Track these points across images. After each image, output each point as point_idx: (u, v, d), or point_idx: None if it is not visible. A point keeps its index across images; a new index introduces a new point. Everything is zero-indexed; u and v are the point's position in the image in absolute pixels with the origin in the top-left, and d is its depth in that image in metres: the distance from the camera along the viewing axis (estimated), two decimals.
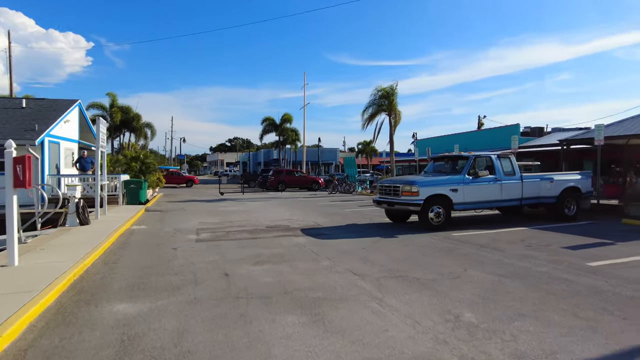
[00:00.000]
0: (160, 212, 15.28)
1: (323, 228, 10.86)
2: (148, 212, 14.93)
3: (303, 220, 12.57)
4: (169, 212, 15.05)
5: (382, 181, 11.41)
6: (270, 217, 13.30)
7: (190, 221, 12.35)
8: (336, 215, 13.78)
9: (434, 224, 10.17)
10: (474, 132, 42.07)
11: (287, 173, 31.86)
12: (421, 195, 10.02)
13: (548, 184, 11.49)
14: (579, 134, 16.50)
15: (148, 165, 21.28)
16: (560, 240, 8.75)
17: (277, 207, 17.46)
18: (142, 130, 39.25)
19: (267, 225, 11.31)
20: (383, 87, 25.37)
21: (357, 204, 18.81)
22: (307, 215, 14.03)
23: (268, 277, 5.86)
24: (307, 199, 22.58)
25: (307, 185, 31.94)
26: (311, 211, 15.38)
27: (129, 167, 20.67)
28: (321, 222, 12.10)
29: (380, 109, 25.63)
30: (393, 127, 25.61)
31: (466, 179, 10.55)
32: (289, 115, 43.17)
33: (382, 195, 11.12)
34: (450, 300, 4.89)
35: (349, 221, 12.23)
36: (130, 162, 20.95)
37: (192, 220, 12.65)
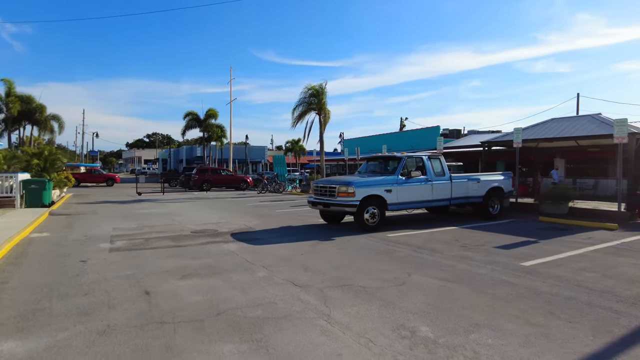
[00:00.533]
0: (67, 216, 13.49)
1: (256, 232, 10.18)
2: (52, 217, 13.09)
3: (233, 223, 11.77)
4: (78, 216, 13.34)
5: (317, 182, 11.00)
6: (196, 220, 12.29)
7: (103, 226, 10.96)
8: (268, 217, 13.13)
9: (369, 224, 9.98)
10: (398, 133, 43.66)
11: (213, 171, 30.41)
12: (357, 196, 9.76)
13: (475, 184, 11.89)
14: (499, 136, 17.50)
15: (53, 162, 18.85)
16: (491, 240, 8.97)
17: (202, 208, 16.35)
18: (47, 124, 35.08)
19: (192, 230, 10.36)
20: (313, 86, 25.15)
21: (288, 204, 18.28)
22: (237, 217, 13.22)
23: (198, 294, 5.11)
24: (235, 199, 21.58)
25: (235, 184, 30.75)
26: (241, 213, 14.56)
27: (29, 164, 18.14)
28: (253, 224, 11.40)
29: (310, 108, 25.35)
30: (323, 126, 25.47)
31: (399, 179, 10.51)
32: (214, 110, 41.39)
33: (317, 196, 10.71)
34: (401, 311, 4.55)
35: (283, 223, 11.66)
36: (31, 158, 18.40)
37: (106, 225, 11.24)
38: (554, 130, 14.58)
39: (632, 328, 4.17)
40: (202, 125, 41.14)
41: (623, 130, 11.24)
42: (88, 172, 36.82)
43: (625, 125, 11.22)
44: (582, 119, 14.69)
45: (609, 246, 8.34)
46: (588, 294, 5.21)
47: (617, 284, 5.70)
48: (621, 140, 11.31)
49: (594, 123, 13.80)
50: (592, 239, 9.07)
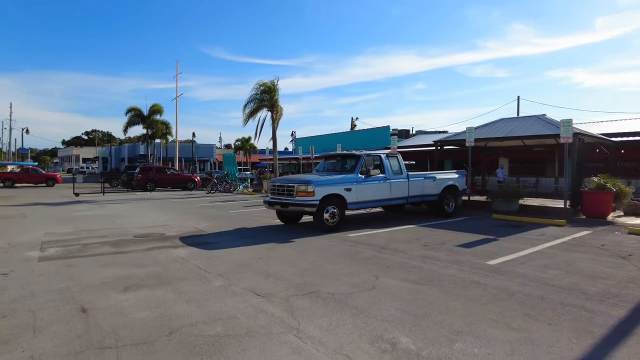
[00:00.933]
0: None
1: (207, 235, 9.48)
2: None
3: (181, 225, 10.94)
4: (2, 220, 11.88)
5: (274, 180, 10.46)
6: (140, 223, 11.33)
7: (33, 232, 9.76)
8: (220, 219, 12.40)
9: (329, 224, 9.61)
10: (349, 132, 43.90)
11: (157, 170, 28.79)
12: (317, 195, 9.36)
13: (431, 182, 11.89)
14: (450, 135, 17.81)
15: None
16: (451, 238, 8.89)
17: (147, 210, 15.24)
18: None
19: (136, 234, 9.46)
20: (264, 82, 24.45)
21: (241, 204, 17.54)
22: (186, 219, 12.37)
23: (145, 309, 4.45)
24: (183, 199, 20.46)
25: (181, 184, 29.31)
26: (190, 214, 13.68)
27: None
28: (203, 227, 10.65)
29: (262, 105, 24.65)
30: (276, 123, 24.86)
31: (359, 178, 10.23)
32: (159, 106, 39.34)
33: (274, 196, 10.17)
34: (376, 320, 4.18)
35: (236, 225, 11.01)
36: None
37: (36, 230, 10.04)
38: (504, 130, 15.01)
39: (609, 327, 4.07)
40: (146, 121, 38.99)
41: (569, 130, 11.68)
42: (24, 171, 33.60)
43: (570, 125, 11.66)
44: (529, 120, 15.24)
45: (563, 242, 8.52)
46: (558, 293, 5.12)
47: (581, 280, 5.70)
48: (567, 140, 11.74)
49: (540, 123, 14.34)
50: (545, 235, 9.27)
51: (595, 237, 9.03)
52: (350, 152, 11.25)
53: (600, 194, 11.92)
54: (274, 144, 25.09)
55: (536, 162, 24.55)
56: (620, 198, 12.15)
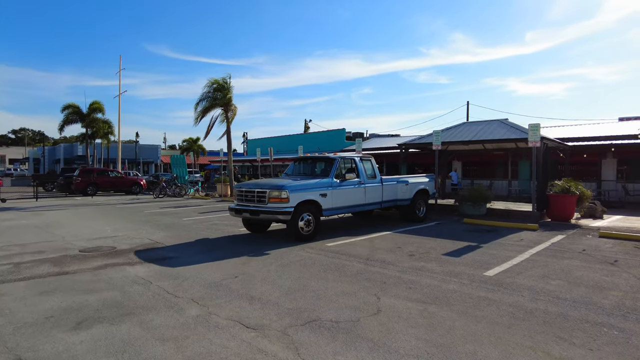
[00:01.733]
0: None
1: (166, 248, 8.36)
2: None
3: (133, 236, 9.70)
4: None
5: (242, 185, 9.49)
6: (85, 234, 9.93)
7: None
8: (176, 228, 11.21)
9: (304, 233, 8.83)
10: (304, 134, 43.23)
11: (99, 173, 26.45)
12: (291, 201, 8.55)
13: (404, 186, 11.47)
14: (415, 138, 17.62)
15: None
16: (434, 246, 8.43)
17: (90, 217, 13.63)
18: None
19: (82, 248, 8.16)
20: (217, 80, 23.12)
21: (195, 210, 16.26)
22: (137, 228, 11.06)
23: (108, 356, 3.45)
24: (130, 205, 18.76)
25: (125, 188, 27.16)
26: (140, 222, 12.32)
27: None
28: (159, 238, 9.49)
29: (215, 103, 23.30)
30: (230, 122, 23.62)
31: (334, 182, 9.55)
32: (100, 103, 36.42)
33: (241, 203, 9.23)
34: (401, 356, 3.49)
35: (196, 235, 9.93)
36: None
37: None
38: (469, 134, 14.99)
39: None
40: (85, 120, 35.94)
41: (536, 134, 11.72)
42: None
43: (538, 130, 11.71)
44: (493, 124, 15.35)
45: (545, 248, 8.32)
46: (575, 308, 4.71)
47: (589, 292, 5.36)
48: (535, 144, 11.79)
49: (504, 128, 14.46)
50: (524, 241, 9.07)
51: (572, 242, 8.95)
52: (323, 155, 10.53)
53: (565, 197, 12.08)
54: (229, 145, 23.83)
55: (488, 164, 25.19)
56: (582, 201, 12.40)
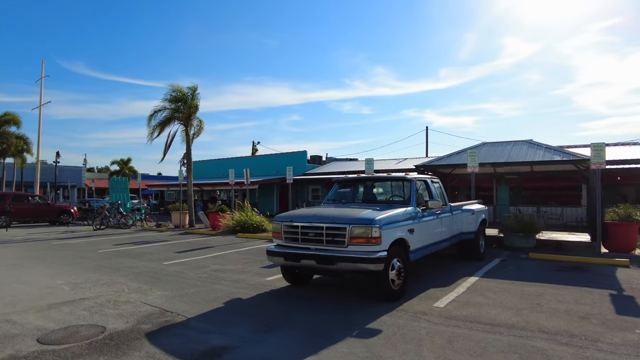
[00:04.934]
0: None
1: (193, 323, 5.06)
2: None
3: (116, 299, 6.18)
4: None
5: (294, 217, 6.38)
6: (29, 298, 6.20)
7: None
8: (169, 279, 7.75)
9: (395, 288, 6.00)
10: (259, 156, 39.93)
11: (16, 198, 21.08)
12: (384, 242, 5.73)
13: (469, 216, 9.10)
14: (434, 160, 15.51)
15: None
16: (565, 298, 6.04)
17: (21, 263, 9.52)
18: None
19: (41, 334, 4.61)
20: (180, 88, 19.55)
21: (165, 247, 12.53)
22: (108, 281, 7.45)
23: None
24: (68, 241, 14.37)
25: (51, 217, 21.99)
26: (106, 269, 8.61)
27: None
28: (163, 301, 6.08)
29: (174, 117, 19.63)
30: (191, 140, 20.00)
31: (418, 212, 6.90)
32: (14, 115, 30.51)
33: (295, 245, 6.17)
34: None
35: (214, 292, 6.63)
36: None
37: None
38: (502, 155, 13.19)
39: None
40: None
41: (600, 155, 10.11)
42: None
43: (603, 150, 10.12)
44: (521, 145, 13.74)
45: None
46: None
47: None
48: (599, 166, 10.15)
49: (540, 149, 12.89)
50: None
51: None
52: (396, 174, 7.75)
53: (628, 225, 10.52)
54: (189, 167, 20.06)
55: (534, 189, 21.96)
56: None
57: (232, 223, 15.98)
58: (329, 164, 35.69)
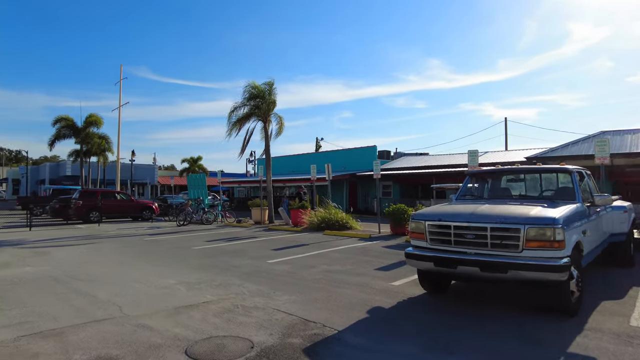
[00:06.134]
0: None
1: (349, 338, 4.30)
2: None
3: (240, 303, 5.60)
4: None
5: (446, 215, 5.43)
6: (149, 299, 5.78)
7: None
8: (284, 280, 7.13)
9: (572, 301, 4.90)
10: (329, 152, 39.32)
11: (104, 195, 21.95)
12: (567, 246, 4.66)
13: (622, 214, 7.68)
14: (546, 151, 13.92)
15: None
16: None
17: (125, 260, 9.40)
18: None
19: (187, 347, 4.05)
20: (257, 85, 19.29)
21: (258, 245, 12.09)
22: (219, 281, 6.95)
23: None
24: (158, 237, 14.44)
25: (133, 213, 22.72)
26: (212, 269, 8.19)
27: None
28: (294, 307, 5.41)
29: (252, 113, 19.40)
30: (270, 137, 19.68)
31: (585, 209, 5.72)
32: (97, 116, 31.96)
33: (444, 247, 5.24)
34: None
35: (343, 298, 5.87)
36: None
37: None
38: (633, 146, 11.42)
39: None
40: (80, 134, 31.45)
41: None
42: None
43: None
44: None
45: None
46: None
47: None
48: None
49: None
50: None
51: None
52: (553, 165, 6.61)
53: None
54: (268, 163, 19.76)
55: None
56: None
57: (316, 220, 15.36)
58: (399, 159, 34.38)
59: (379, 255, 9.65)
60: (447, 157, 31.00)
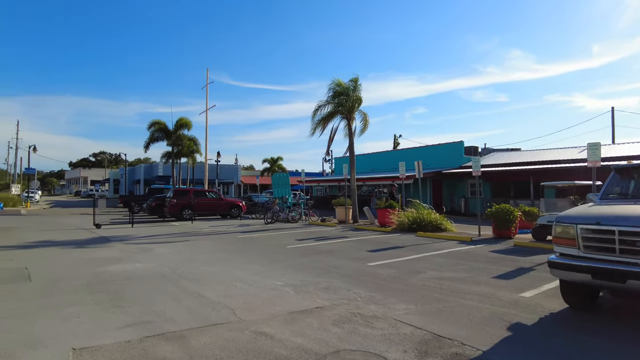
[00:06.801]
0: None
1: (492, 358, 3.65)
2: None
3: (358, 310, 5.14)
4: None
5: (603, 217, 4.52)
6: (259, 301, 5.53)
7: (45, 340, 3.99)
8: (395, 287, 6.57)
9: None
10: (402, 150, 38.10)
11: (196, 194, 23.02)
12: None
13: None
14: None
15: None
16: None
17: (222, 257, 9.45)
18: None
19: None
20: (341, 82, 18.93)
21: (351, 244, 11.66)
22: (327, 283, 6.57)
23: None
24: (250, 235, 14.63)
25: (222, 211, 23.56)
26: (312, 270, 7.87)
27: None
28: (422, 321, 4.83)
29: (337, 111, 19.07)
30: (353, 135, 19.22)
31: None
32: (186, 120, 33.91)
33: (604, 256, 4.32)
34: None
35: (474, 311, 5.16)
36: None
37: (49, 328, 4.29)
38: None
39: None
40: (171, 137, 33.52)
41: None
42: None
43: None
44: None
45: None
46: None
47: None
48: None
49: None
50: None
51: None
52: None
53: None
54: (352, 161, 19.34)
55: None
56: None
57: (407, 221, 14.58)
58: (489, 156, 32.18)
59: (491, 261, 8.71)
60: (543, 153, 28.38)
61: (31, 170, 44.26)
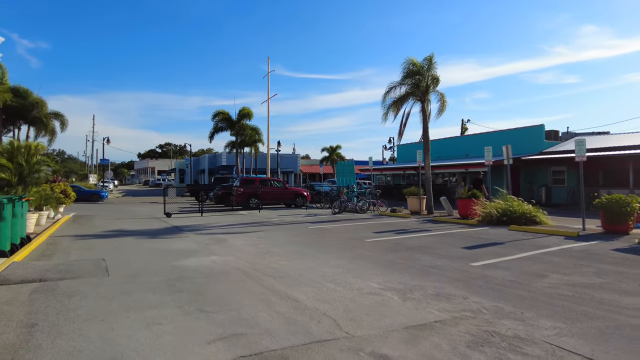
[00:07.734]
0: (40, 282, 5.92)
1: None
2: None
3: (493, 328, 4.08)
4: (60, 290, 5.72)
5: None
6: (368, 312, 4.64)
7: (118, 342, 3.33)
8: (518, 293, 5.41)
9: None
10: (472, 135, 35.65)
11: (262, 183, 22.73)
12: None
13: None
14: None
15: (33, 166, 11.33)
16: None
17: (307, 253, 8.68)
18: (47, 122, 27.53)
19: None
20: (415, 61, 17.50)
21: (438, 238, 10.49)
22: (444, 293, 5.54)
23: None
24: (321, 226, 13.86)
25: (287, 200, 23.12)
26: (414, 272, 6.86)
27: None
28: (580, 344, 3.68)
29: (411, 92, 17.71)
30: (428, 118, 17.80)
31: None
32: (249, 109, 33.96)
33: None
34: None
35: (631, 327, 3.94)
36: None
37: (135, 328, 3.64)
38: None
39: None
40: (235, 127, 33.71)
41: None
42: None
43: None
44: None
45: None
46: None
47: None
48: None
49: None
50: None
51: None
52: None
53: None
54: (426, 147, 17.97)
55: None
56: None
57: (495, 213, 13.08)
58: (571, 141, 29.08)
59: (623, 263, 7.22)
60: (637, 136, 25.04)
61: (105, 161, 46.87)
